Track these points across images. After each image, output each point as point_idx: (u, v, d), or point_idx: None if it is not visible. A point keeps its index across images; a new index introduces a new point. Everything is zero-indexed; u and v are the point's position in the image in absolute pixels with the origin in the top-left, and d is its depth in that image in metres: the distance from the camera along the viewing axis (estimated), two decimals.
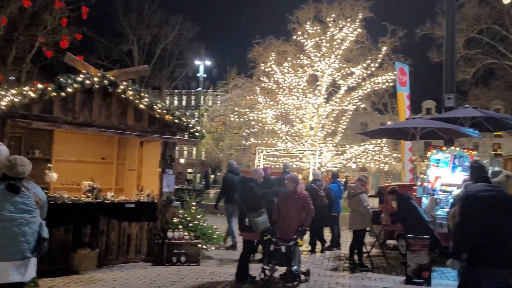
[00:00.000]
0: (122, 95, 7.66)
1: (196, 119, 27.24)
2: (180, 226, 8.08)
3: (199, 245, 8.08)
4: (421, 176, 9.61)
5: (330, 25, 20.78)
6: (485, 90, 27.58)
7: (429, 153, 9.39)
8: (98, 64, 28.67)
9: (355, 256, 8.43)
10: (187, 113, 42.74)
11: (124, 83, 7.75)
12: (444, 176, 9.54)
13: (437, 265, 8.01)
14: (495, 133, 29.22)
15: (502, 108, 29.95)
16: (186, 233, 8.04)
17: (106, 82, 7.43)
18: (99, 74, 7.45)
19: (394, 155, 20.70)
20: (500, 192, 4.16)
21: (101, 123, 7.54)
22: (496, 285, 4.00)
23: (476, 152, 10.08)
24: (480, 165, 4.42)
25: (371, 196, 9.66)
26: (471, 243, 3.95)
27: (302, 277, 7.04)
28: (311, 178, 12.35)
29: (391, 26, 20.69)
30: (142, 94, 7.85)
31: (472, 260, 3.94)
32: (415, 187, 9.46)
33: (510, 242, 3.94)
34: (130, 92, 7.70)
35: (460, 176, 9.77)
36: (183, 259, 7.86)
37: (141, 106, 7.84)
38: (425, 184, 9.28)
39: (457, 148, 9.65)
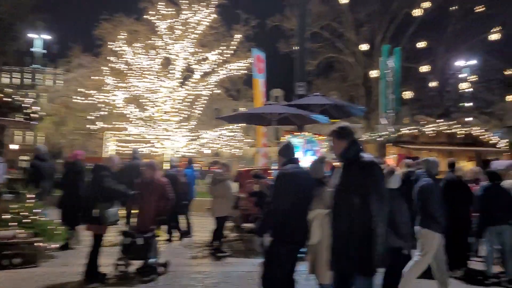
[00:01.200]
0: None
1: (33, 99, 24.16)
2: (13, 223, 6.87)
3: (38, 244, 6.99)
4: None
5: (184, 7, 20.23)
6: (325, 81, 30.16)
7: (283, 138, 9.67)
8: None
9: (216, 243, 8.30)
10: (18, 93, 37.72)
11: None
12: None
13: None
14: (332, 120, 32.36)
15: (338, 99, 33.14)
16: (21, 231, 6.88)
17: None
18: None
19: (247, 140, 21.27)
20: (305, 173, 4.49)
21: None
22: (296, 261, 4.33)
23: (323, 136, 10.73)
24: (290, 146, 4.62)
25: None
26: (281, 221, 4.13)
27: (161, 269, 6.59)
28: (165, 164, 11.88)
29: (244, 14, 21.08)
30: None
31: (281, 237, 4.14)
32: (269, 171, 9.67)
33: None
34: None
35: (310, 160, 10.33)
36: (17, 261, 6.70)
37: None
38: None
39: (309, 134, 10.15)
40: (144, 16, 20.16)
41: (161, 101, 19.69)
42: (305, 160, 10.22)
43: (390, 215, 5.25)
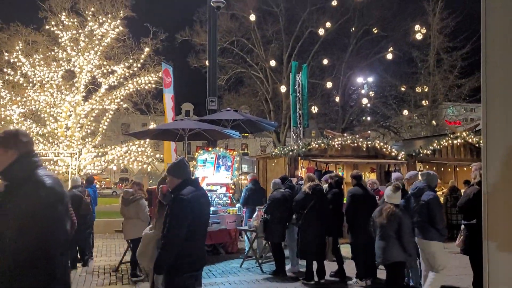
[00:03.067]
0: None
1: None
2: None
3: None
4: None
5: (89, 19, 19.32)
6: (235, 96, 30.55)
7: (196, 154, 9.53)
8: None
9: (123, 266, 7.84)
10: None
11: None
12: (210, 175, 9.87)
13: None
14: (244, 134, 32.84)
15: (248, 113, 33.71)
16: None
17: None
18: None
19: (157, 155, 20.72)
20: (205, 195, 4.10)
21: None
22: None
23: (236, 151, 10.77)
24: (182, 164, 3.97)
25: None
26: (182, 252, 3.68)
27: None
28: (69, 183, 11.09)
29: (152, 28, 20.66)
30: None
31: (183, 269, 3.72)
32: None
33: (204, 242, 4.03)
34: None
35: (223, 175, 10.30)
36: None
37: None
38: None
39: (221, 149, 10.12)
40: (46, 27, 18.91)
41: (64, 116, 18.48)
42: (217, 175, 10.21)
43: (397, 229, 5.38)
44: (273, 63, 27.14)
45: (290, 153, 11.32)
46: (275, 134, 29.51)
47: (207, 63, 13.54)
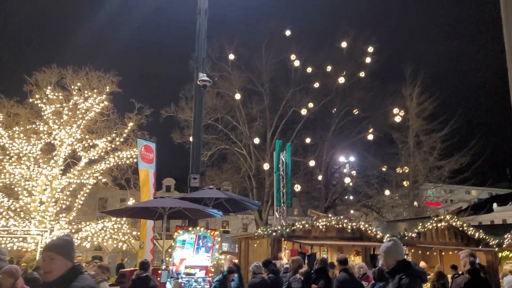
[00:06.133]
0: None
1: None
2: None
3: None
4: (167, 259, 9.10)
5: (74, 93, 19.44)
6: (218, 172, 30.25)
7: (175, 233, 9.05)
8: None
9: None
10: None
11: None
12: (189, 257, 9.30)
13: None
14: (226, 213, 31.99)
15: (231, 189, 33.23)
16: None
17: None
18: None
19: (134, 233, 19.90)
20: None
21: None
22: None
23: (218, 231, 10.31)
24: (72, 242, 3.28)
25: (112, 285, 8.50)
26: None
27: None
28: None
29: (138, 103, 20.83)
30: None
31: None
32: (160, 271, 8.83)
33: None
34: None
35: (203, 257, 9.73)
36: None
37: None
38: (170, 267, 8.79)
39: (202, 229, 9.66)
40: (29, 100, 18.89)
41: (39, 190, 17.84)
42: (196, 257, 9.64)
43: None
44: (257, 140, 27.33)
45: (274, 233, 10.91)
46: (257, 211, 28.92)
47: (191, 139, 13.46)
